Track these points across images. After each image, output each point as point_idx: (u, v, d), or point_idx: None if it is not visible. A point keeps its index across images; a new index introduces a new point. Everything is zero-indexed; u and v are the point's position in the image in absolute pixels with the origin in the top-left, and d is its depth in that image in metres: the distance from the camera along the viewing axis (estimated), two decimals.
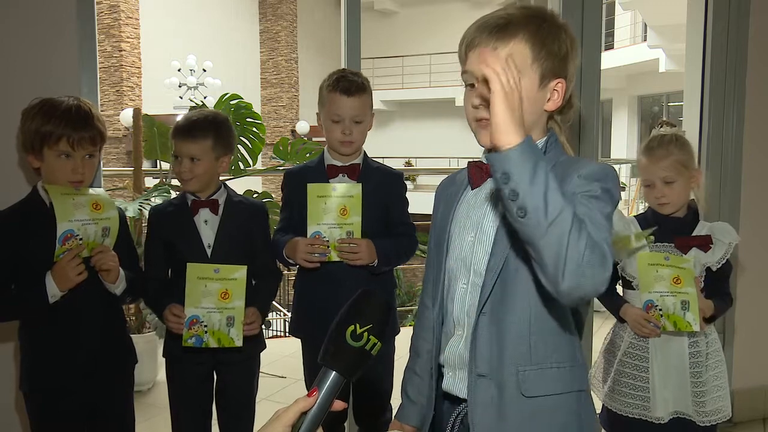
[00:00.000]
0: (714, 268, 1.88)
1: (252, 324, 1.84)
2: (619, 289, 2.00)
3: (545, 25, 1.10)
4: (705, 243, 1.87)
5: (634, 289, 1.89)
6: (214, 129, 1.87)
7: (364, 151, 2.03)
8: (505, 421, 1.10)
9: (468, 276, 1.16)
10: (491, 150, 1.12)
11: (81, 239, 1.64)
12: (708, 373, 1.86)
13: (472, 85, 1.12)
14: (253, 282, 1.92)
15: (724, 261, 1.87)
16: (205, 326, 1.78)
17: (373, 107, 2.04)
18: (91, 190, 1.71)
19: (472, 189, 1.20)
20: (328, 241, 1.87)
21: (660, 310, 1.82)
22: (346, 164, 1.98)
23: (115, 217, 1.71)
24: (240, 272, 1.78)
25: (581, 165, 1.09)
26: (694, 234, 1.89)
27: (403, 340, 1.65)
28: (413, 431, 1.28)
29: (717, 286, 1.92)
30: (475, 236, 1.16)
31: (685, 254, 1.86)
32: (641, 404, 1.87)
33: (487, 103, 1.06)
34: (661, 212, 1.91)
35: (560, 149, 1.16)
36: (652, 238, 1.90)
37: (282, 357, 3.91)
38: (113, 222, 1.70)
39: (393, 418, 1.35)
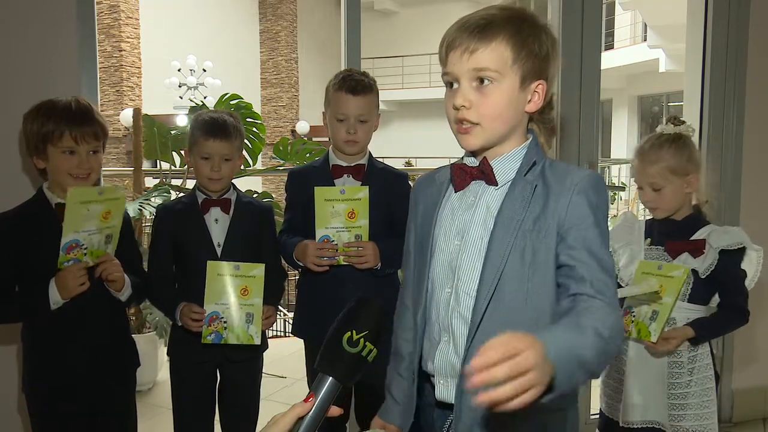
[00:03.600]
0: (702, 275, 1.78)
1: (269, 318, 1.87)
2: None
3: (526, 26, 1.10)
4: (698, 248, 1.78)
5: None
6: (240, 129, 1.93)
7: (369, 152, 2.03)
8: (487, 428, 1.10)
9: (452, 282, 1.15)
10: (474, 154, 1.14)
11: (86, 248, 1.64)
12: (691, 388, 1.78)
13: (452, 86, 1.12)
14: None
15: (712, 268, 1.76)
16: (225, 322, 1.79)
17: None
18: (115, 192, 1.67)
19: (455, 191, 1.18)
20: (336, 244, 1.87)
21: (634, 316, 1.81)
22: (351, 164, 1.97)
23: (118, 225, 1.70)
24: (259, 269, 1.80)
25: (572, 175, 1.10)
26: (693, 238, 1.81)
27: None
28: (396, 431, 1.27)
29: (723, 298, 1.82)
30: (461, 242, 1.14)
31: (674, 259, 1.80)
32: (615, 405, 1.87)
33: (470, 104, 1.08)
34: (654, 216, 1.87)
35: (540, 151, 1.16)
36: (648, 240, 1.88)
37: (282, 357, 3.91)
38: (116, 230, 1.70)
39: (376, 415, 1.32)
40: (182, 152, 2.18)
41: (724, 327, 1.87)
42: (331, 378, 0.91)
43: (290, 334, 4.07)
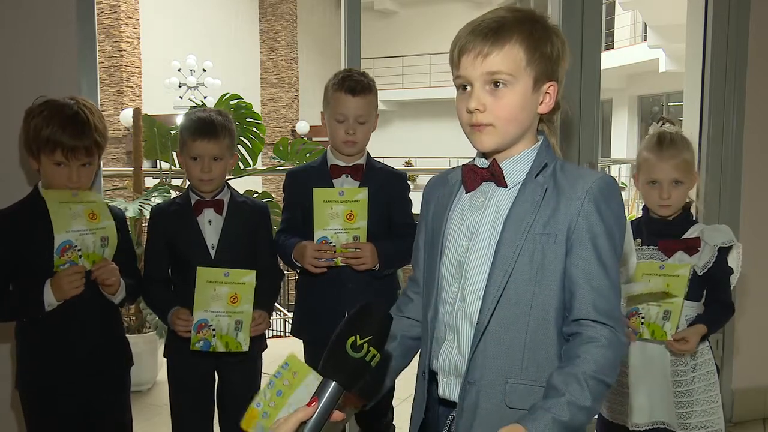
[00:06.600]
0: (700, 273, 1.80)
1: (259, 325, 1.84)
2: None
3: (538, 28, 1.10)
4: (692, 246, 1.80)
5: None
6: (230, 127, 1.89)
7: (368, 152, 2.02)
8: (488, 428, 1.10)
9: (460, 281, 1.15)
10: (485, 155, 1.14)
11: (80, 250, 1.64)
12: (695, 384, 1.80)
13: (465, 88, 1.13)
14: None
15: (710, 265, 1.79)
16: (214, 330, 1.78)
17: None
18: (90, 195, 1.69)
19: (466, 192, 1.19)
20: (334, 246, 1.86)
21: (643, 317, 1.81)
22: (350, 165, 1.97)
23: (111, 225, 1.70)
24: (249, 276, 1.78)
25: (585, 179, 1.10)
26: (685, 236, 1.83)
27: None
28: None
29: (714, 294, 1.85)
30: (469, 242, 1.15)
31: (669, 258, 1.81)
32: (620, 409, 1.86)
33: (484, 107, 1.09)
34: (660, 214, 1.86)
35: (552, 152, 1.17)
36: (639, 241, 1.88)
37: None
38: (110, 231, 1.70)
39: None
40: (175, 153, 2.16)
41: (722, 321, 1.90)
42: (334, 383, 0.91)
43: (290, 334, 4.06)
